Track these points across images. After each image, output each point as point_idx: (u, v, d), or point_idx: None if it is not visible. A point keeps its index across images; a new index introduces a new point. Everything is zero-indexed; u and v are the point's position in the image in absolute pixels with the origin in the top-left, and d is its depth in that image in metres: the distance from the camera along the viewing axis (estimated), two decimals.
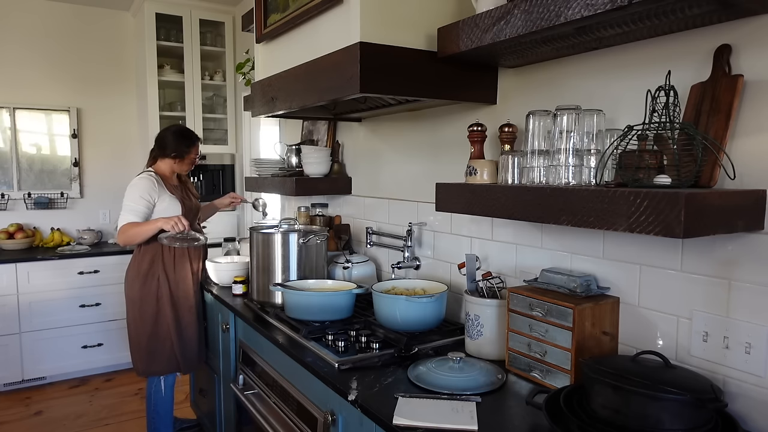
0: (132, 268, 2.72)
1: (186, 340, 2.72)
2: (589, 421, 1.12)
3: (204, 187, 4.34)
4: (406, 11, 1.67)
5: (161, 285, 2.67)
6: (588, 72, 1.53)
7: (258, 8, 2.29)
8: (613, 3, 1.10)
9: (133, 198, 2.62)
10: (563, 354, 1.41)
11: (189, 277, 2.74)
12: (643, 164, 1.17)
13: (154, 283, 2.66)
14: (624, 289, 1.46)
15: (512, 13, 1.33)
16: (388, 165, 2.44)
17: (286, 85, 2.08)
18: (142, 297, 2.66)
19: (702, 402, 1.07)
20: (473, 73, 1.76)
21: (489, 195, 1.44)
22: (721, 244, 1.25)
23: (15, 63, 4.09)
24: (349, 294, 2.01)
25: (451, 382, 1.47)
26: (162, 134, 2.79)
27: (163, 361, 2.69)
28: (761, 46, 1.17)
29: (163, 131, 2.82)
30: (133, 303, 2.68)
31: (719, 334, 1.25)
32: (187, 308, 2.73)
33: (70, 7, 4.23)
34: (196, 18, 4.15)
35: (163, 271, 2.67)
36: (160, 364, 2.69)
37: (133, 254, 2.75)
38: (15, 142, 4.11)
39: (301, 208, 2.97)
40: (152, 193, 2.62)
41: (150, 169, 2.75)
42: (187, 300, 2.73)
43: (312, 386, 1.70)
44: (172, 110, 4.26)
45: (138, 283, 2.66)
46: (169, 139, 2.73)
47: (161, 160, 2.75)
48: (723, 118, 1.19)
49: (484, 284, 1.75)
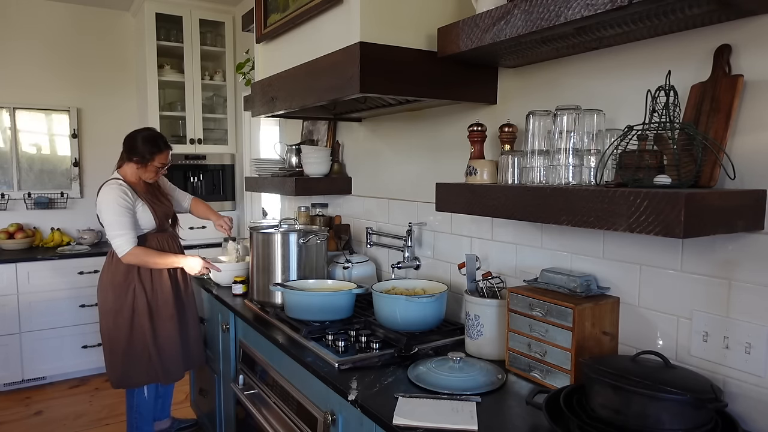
0: (105, 278, 2.61)
1: (166, 350, 2.61)
2: (589, 421, 1.12)
3: (204, 187, 4.34)
4: (406, 11, 1.67)
5: (137, 296, 2.55)
6: (588, 72, 1.53)
7: (258, 8, 2.29)
8: (613, 3, 1.10)
9: (114, 211, 2.46)
10: (563, 354, 1.41)
11: (168, 285, 2.62)
12: (643, 164, 1.17)
13: (129, 294, 2.55)
14: (624, 289, 1.46)
15: (512, 13, 1.33)
16: (388, 165, 2.44)
17: (286, 85, 2.08)
18: (116, 308, 2.55)
19: (702, 402, 1.07)
20: (473, 73, 1.76)
21: (489, 195, 1.44)
22: (721, 244, 1.25)
23: (15, 63, 4.09)
24: (349, 294, 2.01)
25: (451, 382, 1.47)
26: (131, 135, 2.62)
27: (142, 373, 2.59)
28: (761, 46, 1.17)
29: (133, 132, 2.63)
30: (106, 314, 2.58)
31: (719, 334, 1.25)
32: (167, 317, 2.62)
33: (70, 7, 4.23)
34: (196, 18, 4.15)
35: (139, 281, 2.56)
36: (139, 376, 2.59)
37: (106, 262, 2.63)
38: (15, 142, 4.11)
39: (301, 208, 2.97)
40: (127, 199, 2.49)
41: (116, 176, 2.59)
42: (166, 309, 2.61)
43: (312, 386, 1.70)
44: (172, 110, 4.26)
45: (112, 294, 2.56)
46: (136, 142, 2.56)
47: (126, 164, 2.60)
48: (723, 118, 1.19)
49: (484, 284, 1.75)
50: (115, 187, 2.50)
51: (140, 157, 2.55)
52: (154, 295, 2.59)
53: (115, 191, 2.48)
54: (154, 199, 2.66)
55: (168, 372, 2.64)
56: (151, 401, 2.73)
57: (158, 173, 2.65)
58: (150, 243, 2.60)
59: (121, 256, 2.48)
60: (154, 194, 2.70)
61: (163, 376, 2.63)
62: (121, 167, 2.63)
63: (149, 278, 2.58)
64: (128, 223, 2.48)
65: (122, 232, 2.47)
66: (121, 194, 2.48)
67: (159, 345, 2.60)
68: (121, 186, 2.51)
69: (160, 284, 2.61)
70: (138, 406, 2.69)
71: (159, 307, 2.60)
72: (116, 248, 2.48)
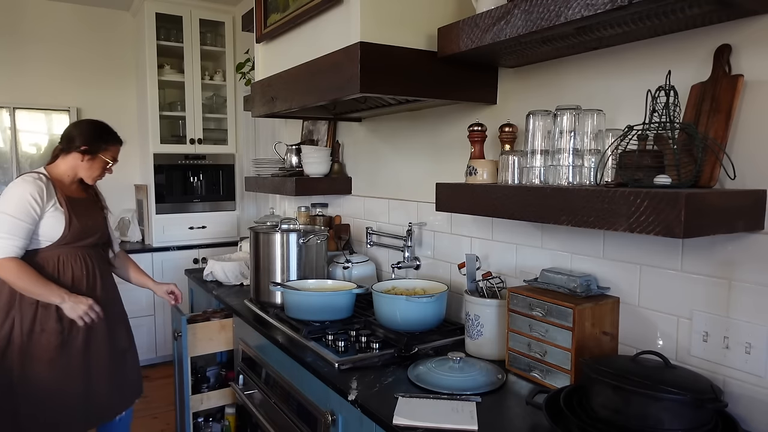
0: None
1: (33, 400, 2.03)
2: (589, 421, 1.12)
3: (204, 187, 4.34)
4: (406, 11, 1.67)
5: (14, 329, 2.02)
6: (588, 72, 1.53)
7: (258, 8, 2.29)
8: (613, 3, 1.10)
9: (10, 209, 1.95)
10: (563, 354, 1.41)
11: (52, 326, 2.05)
12: (643, 164, 1.17)
13: (7, 323, 2.03)
14: (624, 289, 1.46)
15: (512, 13, 1.33)
16: (388, 165, 2.44)
17: (286, 85, 2.08)
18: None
19: (702, 402, 1.07)
20: (473, 73, 1.76)
21: (489, 195, 1.44)
22: (721, 244, 1.25)
23: (15, 63, 4.09)
24: (349, 294, 2.01)
25: (451, 382, 1.47)
26: (75, 124, 2.21)
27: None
28: (761, 46, 1.17)
29: (76, 122, 2.26)
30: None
31: (719, 334, 1.25)
32: (46, 361, 2.04)
33: (70, 7, 4.23)
34: (196, 18, 4.16)
35: (19, 310, 2.02)
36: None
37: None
38: (15, 142, 4.11)
39: (301, 208, 2.98)
40: (35, 201, 1.98)
41: (40, 170, 2.11)
42: (47, 352, 2.04)
43: (312, 386, 1.70)
44: (172, 110, 4.26)
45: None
46: (83, 129, 2.14)
47: (63, 158, 2.12)
48: (723, 118, 1.19)
49: (484, 284, 1.75)
50: (30, 181, 2.02)
51: (90, 146, 2.10)
52: (29, 337, 2.03)
53: (28, 186, 2.00)
54: (81, 208, 2.14)
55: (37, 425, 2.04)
56: None
57: (104, 172, 2.20)
58: (45, 259, 2.05)
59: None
60: (86, 204, 2.19)
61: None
62: (52, 162, 2.16)
63: (32, 311, 2.04)
64: (18, 229, 1.97)
65: (5, 236, 1.96)
66: (32, 191, 1.99)
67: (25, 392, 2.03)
68: (39, 182, 2.02)
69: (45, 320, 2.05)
70: None
71: (36, 347, 2.04)
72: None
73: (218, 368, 2.69)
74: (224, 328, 2.44)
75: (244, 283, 2.75)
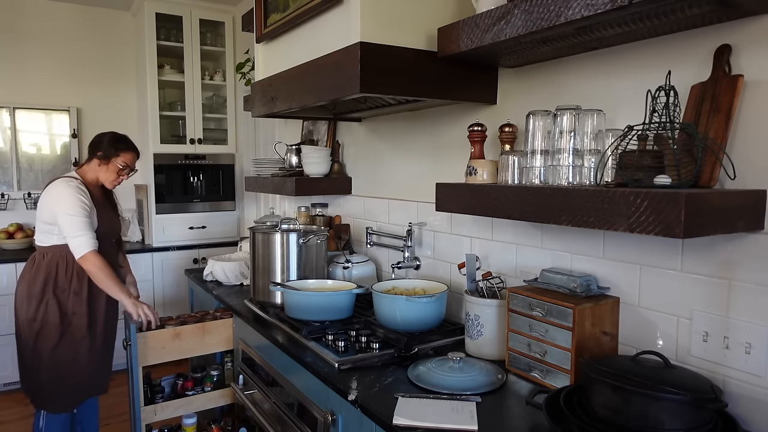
0: (22, 285, 2.37)
1: (64, 375, 2.34)
2: (589, 421, 1.12)
3: (204, 187, 4.34)
4: (406, 11, 1.67)
5: (50, 311, 2.31)
6: (588, 72, 1.53)
7: (258, 8, 2.29)
8: (613, 3, 1.10)
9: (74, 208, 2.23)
10: (563, 354, 1.41)
11: (84, 309, 2.36)
12: (643, 164, 1.17)
13: (42, 307, 2.31)
14: (624, 289, 1.46)
15: (512, 13, 1.33)
16: (388, 165, 2.44)
17: (286, 85, 2.08)
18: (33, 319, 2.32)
19: (702, 402, 1.07)
20: (473, 73, 1.76)
21: (489, 195, 1.44)
22: (721, 244, 1.25)
23: (15, 62, 4.09)
24: (349, 294, 2.01)
25: (451, 382, 1.47)
26: (98, 134, 2.47)
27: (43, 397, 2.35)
28: (761, 46, 1.17)
29: (100, 133, 2.50)
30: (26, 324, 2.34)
31: (719, 334, 1.25)
32: (79, 339, 2.37)
33: (70, 7, 4.24)
34: (196, 18, 4.16)
35: (53, 296, 2.31)
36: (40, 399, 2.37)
37: (26, 268, 2.39)
38: (15, 142, 4.11)
39: (301, 208, 2.98)
40: (86, 199, 2.28)
41: (72, 174, 2.38)
42: (80, 331, 2.36)
43: (312, 386, 1.70)
44: (172, 110, 4.26)
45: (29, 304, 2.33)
46: (103, 137, 2.41)
47: (87, 164, 2.43)
48: (723, 118, 1.19)
49: (484, 284, 1.75)
50: (73, 185, 2.29)
51: (105, 153, 2.37)
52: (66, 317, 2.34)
53: (73, 188, 2.27)
54: (105, 210, 2.43)
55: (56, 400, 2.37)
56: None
57: (120, 176, 2.44)
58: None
59: (78, 258, 2.25)
60: (107, 206, 2.47)
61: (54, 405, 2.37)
62: (80, 167, 2.45)
63: (67, 295, 2.33)
64: (88, 224, 2.26)
65: (82, 233, 2.24)
66: (77, 192, 2.27)
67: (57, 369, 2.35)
68: (79, 185, 2.31)
69: (77, 303, 2.36)
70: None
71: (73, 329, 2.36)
72: (74, 249, 2.25)
73: (175, 377, 2.48)
74: (179, 336, 2.28)
75: (244, 283, 2.75)
